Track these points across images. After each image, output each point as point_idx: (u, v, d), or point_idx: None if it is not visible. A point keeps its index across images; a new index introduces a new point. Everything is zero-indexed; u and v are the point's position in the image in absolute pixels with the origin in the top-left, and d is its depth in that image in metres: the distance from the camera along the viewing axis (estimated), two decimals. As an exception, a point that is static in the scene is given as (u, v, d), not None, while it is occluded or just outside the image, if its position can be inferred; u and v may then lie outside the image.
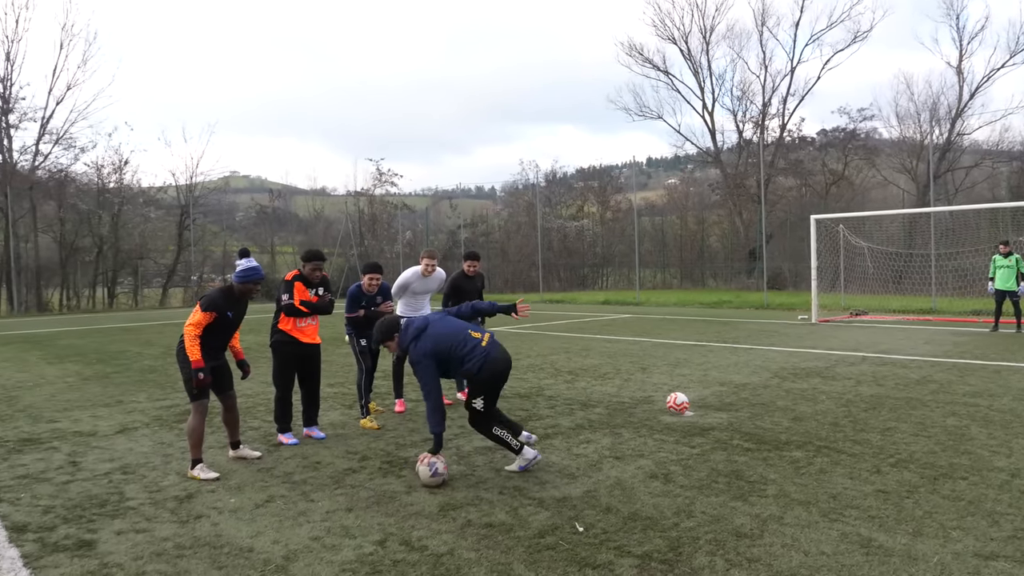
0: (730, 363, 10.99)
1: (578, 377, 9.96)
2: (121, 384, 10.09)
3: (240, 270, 5.63)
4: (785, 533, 4.19)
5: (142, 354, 13.71)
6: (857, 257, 22.94)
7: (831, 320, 18.44)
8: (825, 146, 40.75)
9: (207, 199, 41.19)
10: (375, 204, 45.98)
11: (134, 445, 6.53)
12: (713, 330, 16.39)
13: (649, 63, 41.04)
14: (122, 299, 36.64)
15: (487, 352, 5.37)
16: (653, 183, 69.94)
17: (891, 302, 21.32)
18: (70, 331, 19.91)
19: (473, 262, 8.47)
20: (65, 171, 35.68)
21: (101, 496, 5.07)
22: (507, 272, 41.96)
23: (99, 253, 35.62)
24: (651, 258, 42.66)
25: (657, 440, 6.33)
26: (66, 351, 14.58)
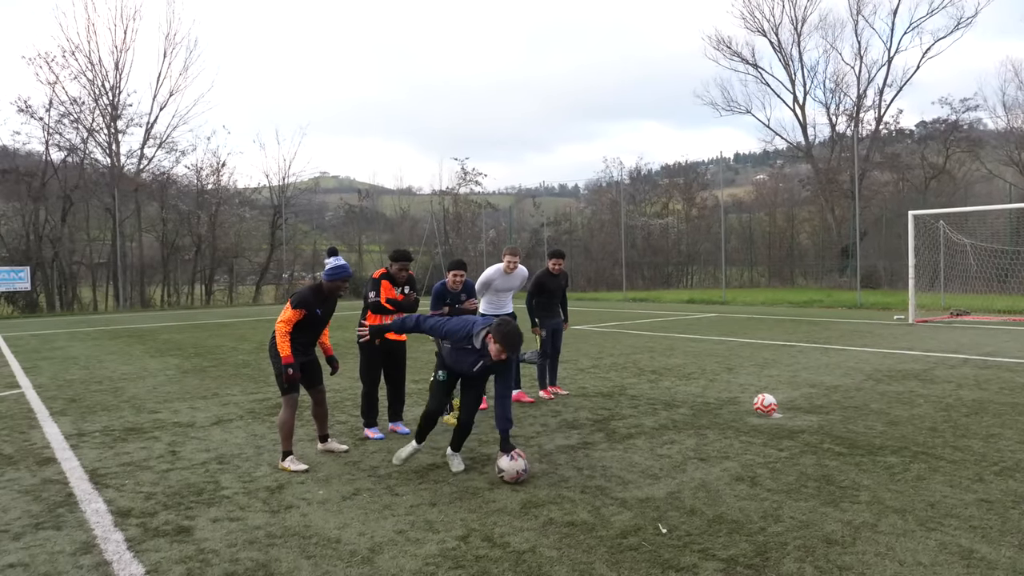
0: (821, 364, 10.64)
1: (662, 376, 9.84)
2: (217, 377, 10.55)
3: (329, 268, 5.79)
4: (879, 541, 4.02)
5: (236, 349, 14.32)
6: (958, 255, 21.72)
7: (929, 320, 17.59)
8: (924, 139, 38.83)
9: (298, 199, 42.60)
10: (459, 203, 46.58)
11: (229, 436, 6.81)
12: (803, 330, 15.90)
13: (738, 56, 40.09)
14: (218, 296, 38.31)
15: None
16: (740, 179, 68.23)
17: (996, 302, 20.12)
18: (170, 326, 20.98)
19: (558, 260, 8.47)
20: (167, 173, 37.77)
21: (198, 484, 5.32)
22: (590, 270, 41.78)
23: (197, 252, 37.40)
24: (738, 256, 41.69)
25: (743, 442, 6.18)
26: (167, 345, 15.37)
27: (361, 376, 6.84)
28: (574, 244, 42.85)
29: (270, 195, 41.77)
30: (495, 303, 8.20)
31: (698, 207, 47.51)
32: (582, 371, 10.48)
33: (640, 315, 21.60)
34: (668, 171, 52.57)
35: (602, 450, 6.04)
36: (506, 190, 67.55)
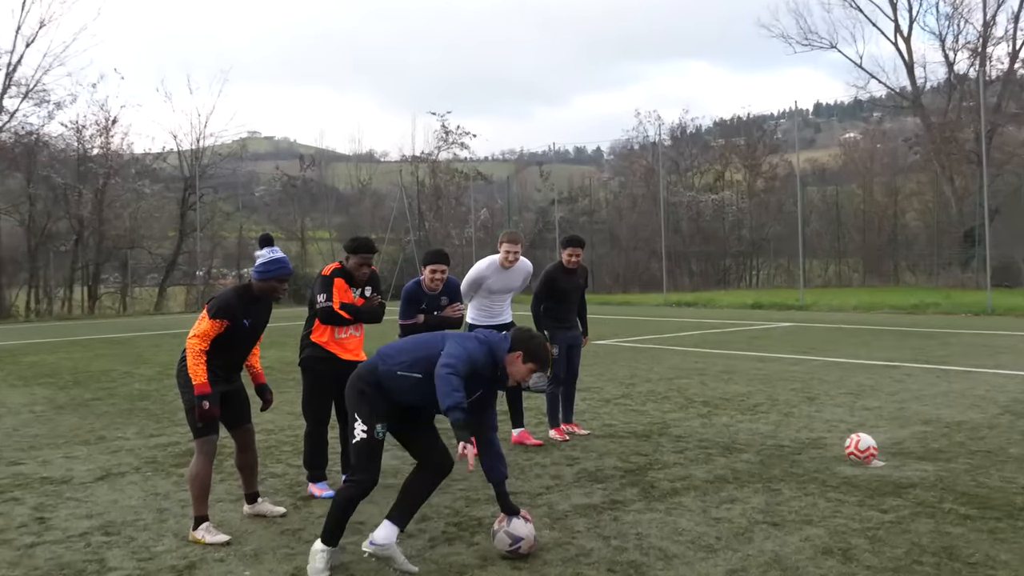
0: (937, 392, 10.62)
1: (717, 410, 9.81)
2: (104, 415, 10.48)
3: (261, 263, 5.75)
4: (1024, 640, 3.97)
5: (132, 375, 14.28)
6: None
7: (1087, 331, 17.59)
8: (1079, 81, 38.86)
9: (218, 169, 42.67)
10: (439, 173, 46.77)
11: (119, 496, 6.74)
12: (912, 345, 15.90)
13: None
14: (107, 301, 38.24)
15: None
16: (823, 139, 68.57)
17: None
18: (39, 344, 20.96)
19: (575, 250, 8.45)
20: (36, 133, 37.41)
21: (76, 564, 5.25)
22: (618, 264, 41.91)
23: (78, 241, 37.20)
24: (821, 244, 41.80)
25: (832, 501, 6.15)
26: (33, 371, 15.32)
27: (304, 411, 6.80)
28: (596, 229, 42.95)
29: (179, 163, 41.87)
30: (488, 310, 8.16)
31: (765, 177, 47.65)
32: (608, 403, 10.45)
33: (687, 325, 21.58)
34: (724, 129, 52.65)
35: (636, 512, 6.00)
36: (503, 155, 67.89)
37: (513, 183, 46.99)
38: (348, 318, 6.62)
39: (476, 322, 8.11)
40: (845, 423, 8.81)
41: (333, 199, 51.98)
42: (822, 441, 8.07)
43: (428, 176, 46.69)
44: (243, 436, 6.02)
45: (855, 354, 14.79)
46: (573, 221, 42.66)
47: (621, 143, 53.54)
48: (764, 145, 49.34)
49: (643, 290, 38.43)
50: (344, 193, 53.93)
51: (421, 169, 47.03)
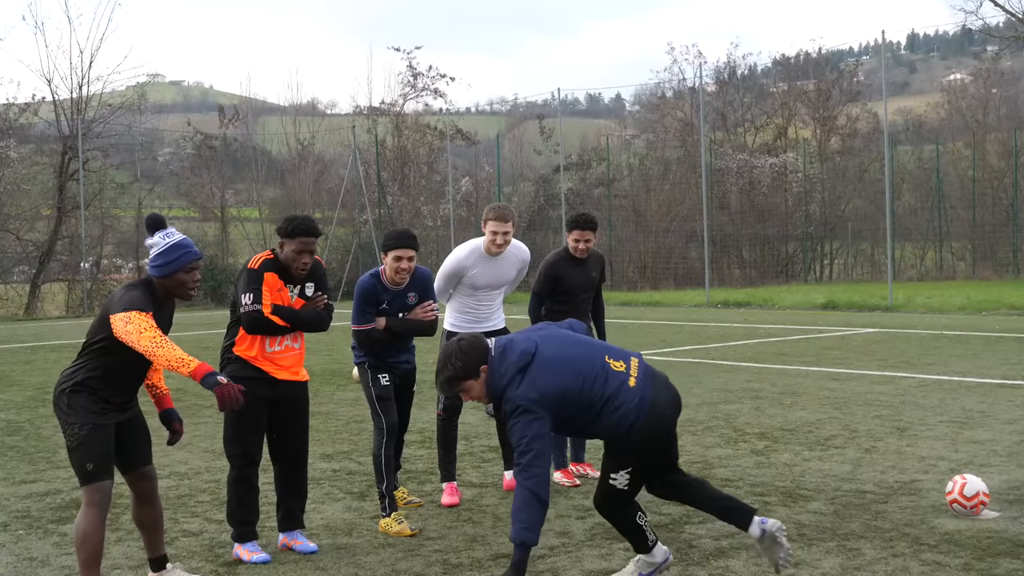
0: (1070, 420, 10.69)
1: (777, 444, 9.89)
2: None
3: (158, 253, 5.70)
4: None
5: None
6: None
7: None
8: None
9: (109, 125, 42.49)
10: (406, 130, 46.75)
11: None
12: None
13: None
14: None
15: (641, 396, 5.51)
16: (920, 82, 68.80)
17: None
18: None
19: (585, 233, 8.48)
20: None
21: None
22: (645, 251, 41.92)
23: (-78, 222, 37.17)
24: (917, 224, 41.94)
25: (928, 564, 6.21)
26: None
27: (227, 448, 6.81)
28: (616, 204, 43.02)
29: (56, 116, 41.72)
30: (472, 311, 8.18)
31: (843, 134, 47.73)
32: (633, 436, 10.50)
33: (736, 332, 21.68)
34: (787, 69, 52.70)
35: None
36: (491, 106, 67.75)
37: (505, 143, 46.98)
38: (284, 325, 6.62)
39: (457, 328, 8.10)
40: (947, 461, 8.86)
41: (264, 165, 51.90)
42: (916, 486, 8.13)
43: (391, 134, 46.64)
44: (143, 482, 5.99)
45: (961, 370, 14.86)
46: (585, 194, 42.72)
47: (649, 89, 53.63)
48: (840, 91, 49.36)
49: (678, 286, 38.51)
50: (278, 158, 53.90)
51: (381, 124, 46.98)
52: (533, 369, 5.39)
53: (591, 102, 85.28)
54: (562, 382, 5.39)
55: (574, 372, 5.44)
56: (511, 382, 5.39)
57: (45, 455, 10.24)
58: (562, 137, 43.68)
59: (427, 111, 47.92)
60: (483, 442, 9.85)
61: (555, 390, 5.35)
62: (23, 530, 7.51)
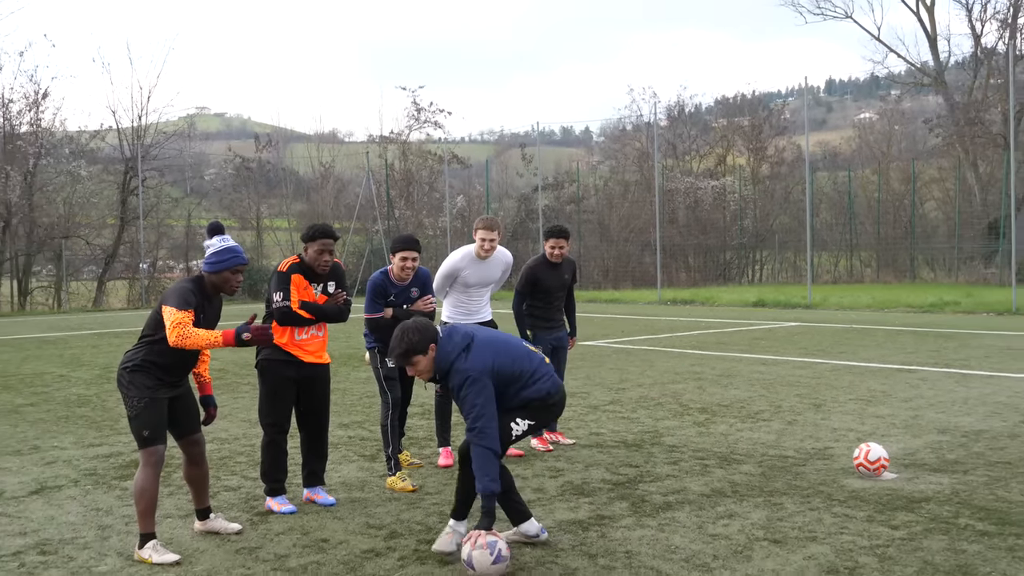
0: (955, 399, 10.76)
1: (715, 417, 9.91)
2: (37, 422, 10.45)
3: (212, 253, 5.74)
4: (1041, 664, 4.08)
5: (68, 378, 14.22)
6: None
7: (1120, 332, 17.82)
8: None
9: (163, 149, 42.33)
10: (411, 155, 46.67)
11: (56, 512, 6.73)
12: (929, 347, 16.07)
13: (831, -67, 40.32)
14: (39, 297, 37.91)
15: (552, 371, 5.85)
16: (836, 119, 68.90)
17: None
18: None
19: (559, 241, 8.49)
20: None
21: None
22: (608, 257, 41.98)
23: (5, 229, 36.69)
24: (832, 236, 42.03)
25: (838, 516, 6.24)
26: (-34, 372, 15.21)
27: (261, 418, 6.82)
28: (584, 219, 43.02)
29: (119, 142, 41.56)
30: (464, 305, 8.19)
31: (771, 162, 47.86)
32: (596, 409, 10.53)
33: (683, 324, 21.68)
34: (726, 108, 52.94)
35: (626, 528, 6.08)
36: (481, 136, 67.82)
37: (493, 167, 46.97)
38: (309, 318, 6.63)
39: (452, 320, 8.10)
40: (854, 432, 8.91)
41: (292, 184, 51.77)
42: (829, 452, 8.17)
43: (398, 159, 46.58)
44: (192, 447, 6.02)
45: (867, 357, 14.92)
46: (559, 210, 42.73)
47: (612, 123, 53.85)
48: (770, 126, 49.47)
49: (635, 286, 38.55)
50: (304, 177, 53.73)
51: (390, 151, 46.92)
52: (475, 347, 5.54)
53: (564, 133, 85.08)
54: (500, 359, 5.56)
55: (507, 351, 5.66)
56: (458, 357, 5.49)
57: (109, 423, 10.22)
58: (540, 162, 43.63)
59: (428, 140, 47.95)
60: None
61: (495, 364, 5.51)
62: (91, 485, 7.51)
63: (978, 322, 21.16)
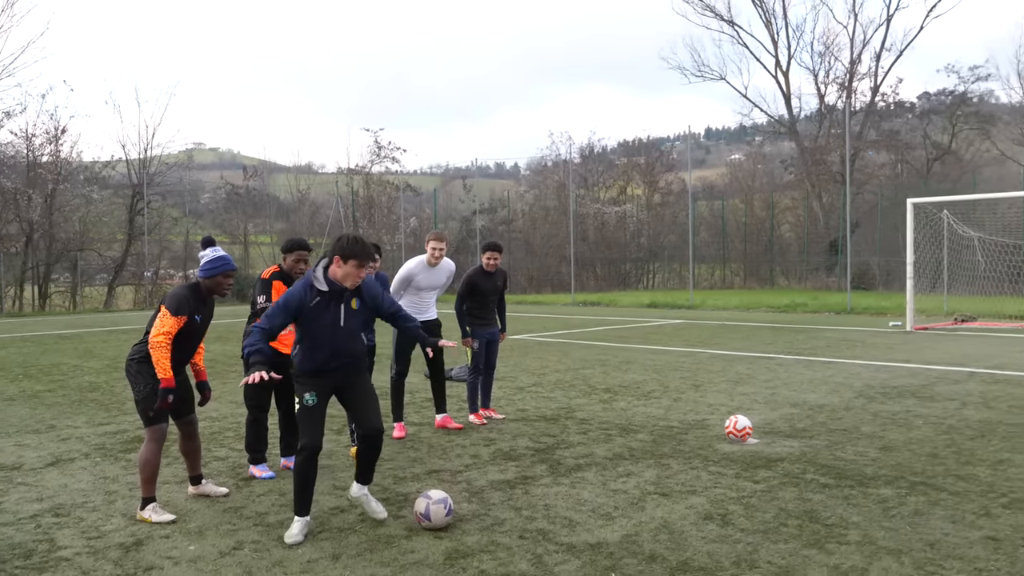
0: (804, 380, 10.95)
1: (617, 396, 9.97)
2: (54, 405, 10.17)
3: (207, 261, 5.67)
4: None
5: (81, 368, 13.87)
6: (965, 250, 22.67)
7: (931, 328, 18.28)
8: (927, 113, 40.39)
9: (165, 177, 41.56)
10: (373, 184, 46.30)
11: (69, 481, 6.57)
12: (784, 339, 16.33)
13: (711, 11, 41.08)
14: (57, 300, 36.86)
15: None
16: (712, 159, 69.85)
17: (1007, 305, 21.07)
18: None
19: (494, 254, 8.49)
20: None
21: (26, 545, 5.11)
22: (532, 268, 42.07)
23: (28, 243, 35.57)
24: (709, 251, 42.56)
25: (713, 473, 6.32)
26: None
27: (246, 400, 6.73)
28: (513, 236, 43.06)
29: (128, 171, 40.61)
30: (416, 305, 8.16)
31: (662, 192, 48.39)
32: (521, 390, 10.54)
33: (592, 322, 21.80)
34: (626, 148, 53.38)
35: (545, 486, 6.09)
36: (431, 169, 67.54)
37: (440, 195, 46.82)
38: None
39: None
40: (725, 406, 9.03)
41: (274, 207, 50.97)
42: (705, 422, 8.27)
43: (362, 187, 46.17)
44: (187, 426, 5.94)
45: (736, 347, 15.14)
46: (493, 229, 42.70)
47: (536, 160, 54.01)
48: (661, 164, 50.13)
49: (554, 291, 38.68)
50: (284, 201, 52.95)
51: (356, 180, 46.48)
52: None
53: (498, 168, 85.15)
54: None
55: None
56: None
57: (117, 405, 9.99)
58: (478, 191, 43.73)
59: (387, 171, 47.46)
60: (421, 395, 9.81)
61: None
62: (100, 458, 7.32)
63: (821, 319, 21.60)
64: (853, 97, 39.16)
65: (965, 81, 39.15)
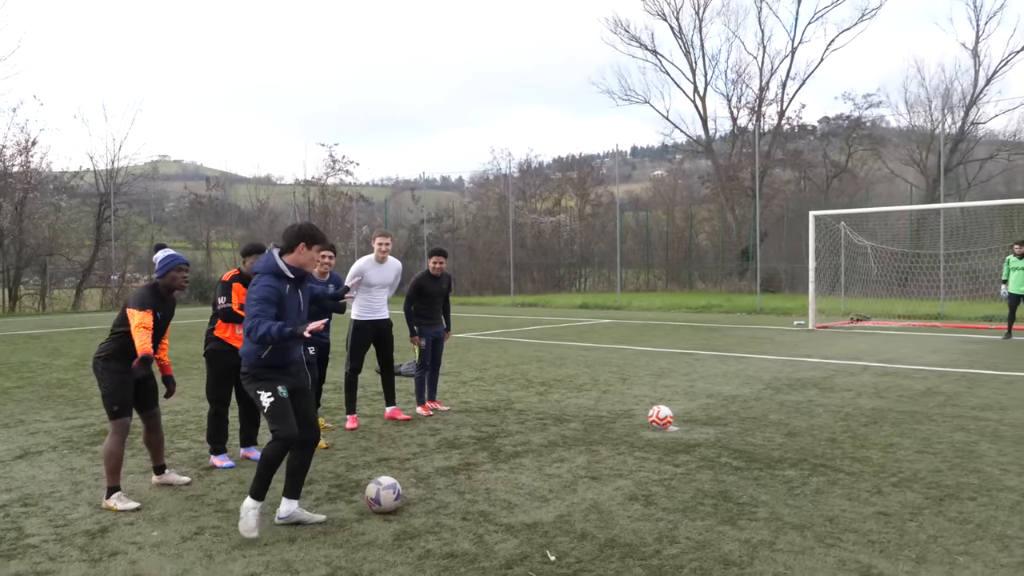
0: (719, 373, 11.11)
1: (552, 389, 9.99)
2: (23, 401, 9.84)
3: (159, 262, 5.58)
4: (777, 560, 4.24)
5: (49, 366, 13.43)
6: (859, 257, 23.30)
7: (830, 326, 18.71)
8: (827, 135, 41.37)
9: (132, 187, 40.42)
10: (328, 195, 45.74)
11: (37, 472, 6.37)
12: (701, 337, 16.54)
13: (636, 42, 41.41)
14: (26, 301, 35.66)
15: None
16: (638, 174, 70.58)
17: (896, 306, 21.69)
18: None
19: (439, 258, 8.46)
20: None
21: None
22: (475, 272, 42.00)
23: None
24: (634, 257, 42.94)
25: (638, 458, 6.37)
26: (-32, 361, 14.24)
27: (208, 394, 6.60)
28: (458, 243, 42.95)
29: (95, 181, 39.44)
30: (369, 303, 8.06)
31: (592, 204, 48.71)
32: (465, 384, 10.51)
33: (529, 322, 21.85)
34: (561, 164, 53.66)
35: (486, 471, 6.08)
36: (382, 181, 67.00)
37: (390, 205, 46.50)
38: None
39: (359, 317, 8.01)
40: (649, 398, 9.10)
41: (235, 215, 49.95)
42: (631, 412, 8.34)
43: (318, 197, 45.59)
44: (151, 419, 5.80)
45: (658, 344, 15.29)
46: (439, 237, 42.53)
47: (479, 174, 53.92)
48: (592, 178, 50.46)
49: (495, 293, 38.66)
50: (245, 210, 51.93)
51: (312, 191, 45.86)
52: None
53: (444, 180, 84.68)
54: None
55: None
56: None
57: (83, 400, 9.69)
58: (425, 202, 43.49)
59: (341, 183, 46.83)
60: (372, 389, 9.72)
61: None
62: (67, 450, 7.10)
63: (734, 319, 21.95)
64: (762, 120, 40.00)
65: (859, 107, 40.23)
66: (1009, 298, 15.28)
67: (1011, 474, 5.81)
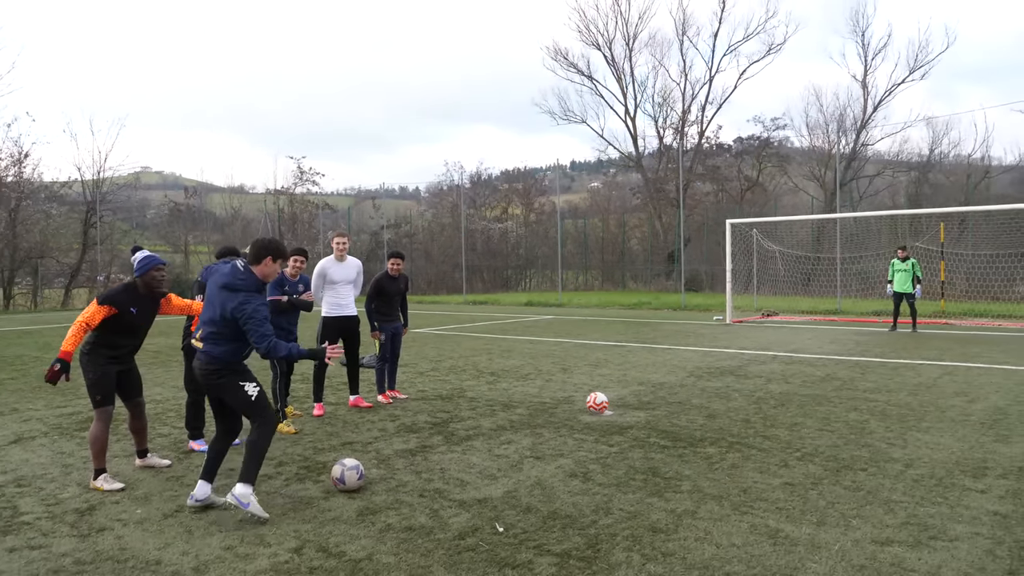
0: (648, 363, 11.22)
1: (500, 378, 9.99)
2: (17, 391, 9.52)
3: (137, 263, 5.44)
4: (698, 527, 4.31)
5: (40, 359, 12.98)
6: (769, 260, 23.83)
7: (744, 321, 19.06)
8: (741, 153, 42.14)
9: (116, 195, 39.40)
10: (296, 203, 45.05)
11: (30, 456, 6.17)
12: (632, 331, 16.70)
13: (574, 68, 41.59)
14: (20, 300, 34.61)
15: None
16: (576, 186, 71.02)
17: (800, 303, 22.22)
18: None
19: (397, 260, 8.42)
20: (-46, 164, 33.52)
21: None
22: (431, 273, 41.78)
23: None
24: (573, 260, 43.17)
25: (577, 439, 6.41)
26: (-42, 356, 13.68)
27: (186, 384, 6.45)
28: (415, 247, 42.67)
29: (83, 190, 38.27)
30: (336, 300, 7.96)
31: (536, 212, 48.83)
32: (421, 374, 10.45)
33: (480, 318, 21.84)
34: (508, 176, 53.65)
35: (441, 453, 6.05)
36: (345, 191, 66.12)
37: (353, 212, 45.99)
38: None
39: (329, 314, 7.91)
40: (587, 385, 9.16)
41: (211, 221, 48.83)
42: (571, 398, 8.39)
43: (287, 205, 44.86)
44: (135, 407, 5.64)
45: (595, 337, 15.40)
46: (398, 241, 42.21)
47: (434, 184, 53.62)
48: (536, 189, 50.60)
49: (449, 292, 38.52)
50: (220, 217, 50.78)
51: (281, 200, 45.10)
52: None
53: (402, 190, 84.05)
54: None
55: None
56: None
57: (72, 390, 9.37)
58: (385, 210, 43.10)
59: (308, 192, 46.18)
60: (338, 380, 9.60)
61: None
62: (57, 436, 6.87)
63: (662, 315, 22.19)
64: (685, 139, 40.53)
65: (768, 129, 41.07)
66: (894, 296, 15.76)
67: (896, 447, 6.00)
